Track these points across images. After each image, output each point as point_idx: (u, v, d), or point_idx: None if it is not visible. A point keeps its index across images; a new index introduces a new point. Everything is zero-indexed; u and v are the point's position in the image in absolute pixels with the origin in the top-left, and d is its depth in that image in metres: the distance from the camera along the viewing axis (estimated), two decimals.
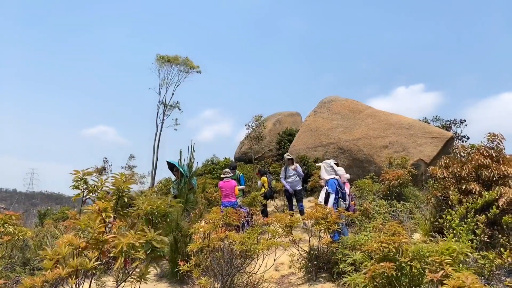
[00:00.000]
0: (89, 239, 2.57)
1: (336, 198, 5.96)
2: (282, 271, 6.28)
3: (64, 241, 2.46)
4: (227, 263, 4.13)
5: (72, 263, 2.37)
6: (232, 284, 4.12)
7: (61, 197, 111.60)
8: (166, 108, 24.86)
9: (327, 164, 6.39)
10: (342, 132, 14.53)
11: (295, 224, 4.98)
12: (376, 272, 2.87)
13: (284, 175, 9.51)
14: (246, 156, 20.22)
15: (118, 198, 2.81)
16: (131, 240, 2.43)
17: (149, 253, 2.38)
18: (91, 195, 3.08)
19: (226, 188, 8.38)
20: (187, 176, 6.37)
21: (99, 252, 2.57)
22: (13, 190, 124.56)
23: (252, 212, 8.27)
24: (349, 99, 16.48)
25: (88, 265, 2.43)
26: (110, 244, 2.59)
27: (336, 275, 4.86)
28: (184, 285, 5.52)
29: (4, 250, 5.40)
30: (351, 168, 13.33)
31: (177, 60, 24.51)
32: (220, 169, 17.24)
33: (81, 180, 3.03)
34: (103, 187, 3.08)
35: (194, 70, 25.04)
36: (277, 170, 15.67)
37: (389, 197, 9.30)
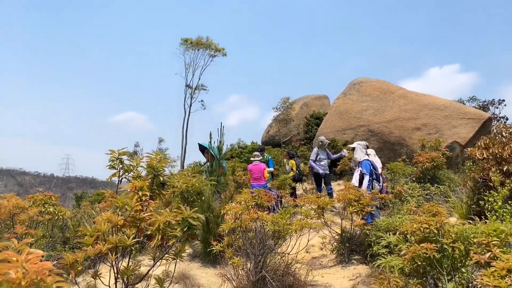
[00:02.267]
0: (127, 217, 2.61)
1: (370, 180, 5.83)
2: (313, 253, 6.26)
3: (104, 218, 2.50)
4: (260, 244, 4.13)
5: (111, 239, 2.42)
6: (265, 264, 4.12)
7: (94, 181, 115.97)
8: (192, 91, 25.03)
9: (362, 145, 6.23)
10: (372, 114, 14.16)
11: (328, 206, 4.91)
12: (416, 254, 2.77)
13: (316, 158, 9.39)
14: (273, 139, 20.16)
15: (154, 177, 2.82)
16: (167, 218, 2.44)
17: (185, 231, 2.38)
18: (126, 174, 3.12)
19: (256, 170, 8.38)
20: (217, 158, 6.40)
21: (136, 230, 2.60)
22: (50, 175, 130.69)
23: (282, 195, 8.25)
24: (380, 80, 16.00)
25: (127, 242, 2.47)
26: (147, 222, 2.62)
27: (370, 257, 4.78)
28: (216, 265, 5.60)
29: (45, 229, 5.64)
30: (381, 151, 13.01)
31: (200, 42, 24.47)
32: (247, 153, 17.29)
33: (117, 160, 3.07)
34: (138, 167, 3.11)
35: (220, 53, 24.96)
36: (305, 153, 15.54)
37: (422, 180, 9.03)
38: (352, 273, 4.80)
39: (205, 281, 5.13)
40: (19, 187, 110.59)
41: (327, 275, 4.89)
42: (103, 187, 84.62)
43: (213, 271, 5.50)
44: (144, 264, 5.16)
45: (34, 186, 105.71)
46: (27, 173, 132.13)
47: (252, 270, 4.05)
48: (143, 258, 5.65)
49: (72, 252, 2.62)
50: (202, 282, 5.09)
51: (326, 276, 4.85)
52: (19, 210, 4.32)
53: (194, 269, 5.39)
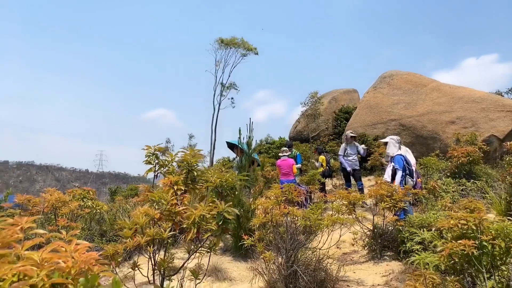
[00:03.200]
0: (163, 210, 2.69)
1: (403, 175, 5.70)
2: (343, 248, 6.21)
3: (141, 212, 2.59)
4: (291, 238, 4.14)
5: (149, 232, 2.51)
6: (296, 259, 4.14)
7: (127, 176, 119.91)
8: (223, 89, 25.30)
9: (394, 140, 6.10)
10: (404, 108, 13.80)
11: (359, 201, 4.86)
12: (453, 250, 2.70)
13: (344, 153, 9.28)
14: (301, 135, 20.04)
15: (188, 172, 2.89)
16: (202, 212, 2.50)
17: (220, 225, 2.43)
18: (162, 169, 3.21)
19: (284, 166, 8.38)
20: (247, 153, 6.45)
21: (172, 223, 2.68)
22: (85, 170, 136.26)
23: (311, 190, 8.22)
24: (411, 73, 15.54)
25: (163, 235, 2.55)
26: (182, 215, 2.69)
27: (403, 253, 4.69)
28: (247, 259, 5.67)
29: (84, 223, 5.89)
30: (413, 145, 12.67)
31: (234, 42, 24.65)
32: (275, 149, 17.30)
33: (153, 155, 3.16)
34: (173, 162, 3.19)
35: (251, 52, 25.04)
36: (334, 149, 15.37)
37: (457, 175, 8.72)
38: (385, 269, 4.74)
39: (236, 275, 5.22)
40: (57, 182, 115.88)
41: (359, 270, 4.85)
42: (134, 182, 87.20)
43: (244, 265, 5.58)
44: (176, 257, 5.30)
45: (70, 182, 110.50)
46: (64, 169, 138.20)
47: (283, 264, 4.08)
48: (176, 251, 5.81)
49: (112, 244, 2.73)
50: (234, 275, 5.18)
51: (358, 271, 4.80)
52: (61, 204, 4.55)
53: (226, 263, 5.49)
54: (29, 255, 1.54)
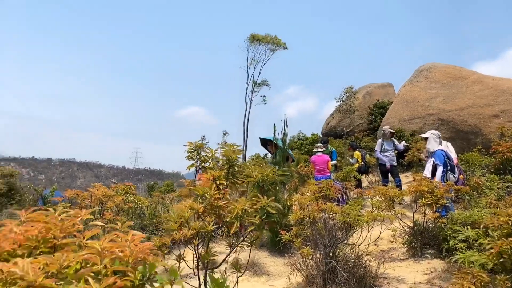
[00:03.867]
0: (206, 204, 2.76)
1: (444, 171, 5.53)
2: (381, 246, 6.10)
3: (186, 205, 2.68)
4: (329, 234, 4.13)
5: (194, 225, 2.59)
6: (334, 254, 4.12)
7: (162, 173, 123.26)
8: (255, 86, 25.39)
9: (435, 135, 5.92)
10: (442, 101, 13.30)
11: (399, 197, 4.76)
12: (503, 248, 2.61)
13: (381, 149, 9.09)
14: (334, 130, 19.79)
15: (229, 167, 2.95)
16: (244, 206, 2.55)
17: (263, 219, 2.47)
18: (203, 164, 3.30)
19: (319, 162, 8.33)
20: (281, 149, 6.47)
21: (215, 217, 2.75)
22: (122, 167, 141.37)
23: (347, 187, 8.12)
24: (450, 65, 14.94)
25: (208, 228, 2.63)
26: (224, 209, 2.76)
27: (445, 252, 4.56)
28: (283, 255, 5.70)
29: (126, 216, 6.14)
30: (453, 140, 12.18)
31: (266, 39, 24.68)
32: (308, 145, 17.19)
33: (194, 151, 3.25)
34: (213, 157, 3.27)
35: (281, 47, 24.98)
36: (368, 145, 15.08)
37: (502, 171, 8.31)
38: (426, 267, 4.62)
39: (273, 270, 5.26)
40: (96, 178, 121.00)
41: (399, 268, 4.76)
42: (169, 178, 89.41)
43: (281, 260, 5.61)
44: (214, 251, 5.41)
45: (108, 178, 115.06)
46: (102, 165, 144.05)
47: (322, 260, 4.07)
48: (213, 245, 5.94)
49: (158, 237, 2.84)
50: (271, 270, 5.23)
51: (398, 269, 4.72)
52: (107, 198, 4.77)
53: (262, 258, 5.55)
54: (91, 244, 1.64)
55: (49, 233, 1.73)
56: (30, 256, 1.65)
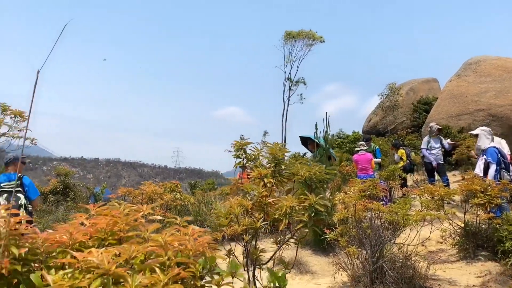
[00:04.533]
0: (255, 202, 2.83)
1: (497, 169, 5.25)
2: (429, 246, 5.90)
3: (235, 202, 2.76)
4: (375, 234, 4.07)
5: (244, 221, 2.66)
6: (381, 254, 4.05)
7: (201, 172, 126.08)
8: (292, 84, 25.29)
9: (486, 131, 5.64)
10: (493, 96, 12.58)
11: (448, 196, 4.58)
12: None
13: (427, 146, 8.77)
14: (376, 128, 19.29)
15: (275, 166, 3.00)
16: (293, 204, 2.59)
17: (312, 216, 2.50)
18: (249, 163, 3.37)
19: (362, 161, 8.18)
20: (324, 147, 6.43)
21: (263, 214, 2.81)
22: (164, 166, 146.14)
23: (391, 186, 7.92)
24: (502, 58, 14.10)
25: (257, 224, 2.69)
26: (272, 207, 2.81)
27: (501, 254, 4.34)
28: (327, 254, 5.67)
29: (172, 213, 6.37)
30: (506, 137, 11.42)
31: (301, 34, 24.48)
32: (349, 143, 16.89)
33: (241, 150, 3.33)
34: (259, 156, 3.33)
35: (318, 41, 24.66)
36: (413, 142, 14.58)
37: None
38: (480, 269, 4.42)
39: (317, 268, 5.26)
40: (139, 177, 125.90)
41: (450, 270, 4.59)
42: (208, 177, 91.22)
43: (325, 259, 5.59)
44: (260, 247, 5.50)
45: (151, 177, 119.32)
46: (145, 165, 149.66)
47: (368, 259, 4.02)
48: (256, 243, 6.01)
49: (209, 232, 2.94)
50: (315, 269, 5.23)
51: (449, 271, 4.55)
52: (157, 195, 4.99)
53: (306, 256, 5.55)
54: (154, 237, 1.75)
55: (115, 226, 1.86)
56: (99, 247, 1.78)
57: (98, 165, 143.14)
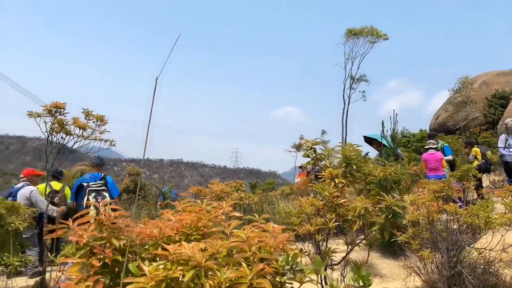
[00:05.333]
0: (326, 202, 2.82)
1: None
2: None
3: (307, 202, 2.77)
4: (452, 237, 3.84)
5: (317, 221, 2.67)
6: (459, 259, 3.81)
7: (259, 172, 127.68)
8: (353, 82, 24.61)
9: None
10: None
11: None
12: None
13: (505, 144, 8.07)
14: (444, 126, 18.12)
15: (346, 166, 2.96)
16: (366, 205, 2.54)
17: (388, 218, 2.43)
18: (319, 162, 3.36)
19: (432, 160, 7.74)
20: (391, 147, 6.18)
21: (335, 214, 2.79)
22: (223, 167, 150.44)
23: (466, 187, 7.40)
24: None
25: (329, 225, 2.68)
26: (344, 207, 2.78)
27: None
28: (396, 257, 5.46)
29: (239, 212, 6.53)
30: None
31: (363, 31, 23.76)
32: (415, 142, 16.07)
33: (311, 149, 3.33)
34: (329, 156, 3.31)
35: (381, 38, 23.75)
36: (487, 140, 13.50)
37: None
38: None
39: (387, 272, 5.08)
40: (200, 177, 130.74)
41: None
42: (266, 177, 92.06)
43: (394, 262, 5.38)
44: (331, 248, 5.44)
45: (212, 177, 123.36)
46: (206, 165, 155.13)
47: (445, 264, 3.81)
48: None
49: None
50: (384, 272, 5.06)
51: None
52: (224, 194, 5.17)
53: (374, 259, 5.39)
54: (236, 233, 1.83)
55: (199, 222, 1.97)
56: (185, 241, 1.90)
57: (162, 165, 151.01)
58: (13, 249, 4.19)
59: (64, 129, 4.57)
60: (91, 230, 1.69)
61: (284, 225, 2.13)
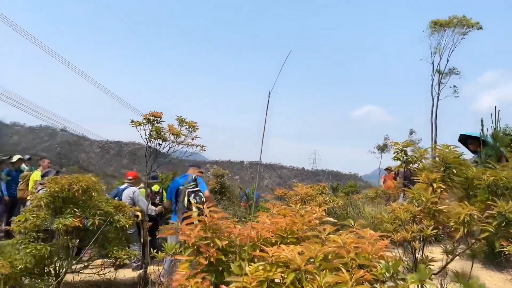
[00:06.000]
0: (423, 208, 2.67)
1: None
2: None
3: (402, 208, 2.66)
4: None
5: (413, 228, 2.54)
6: None
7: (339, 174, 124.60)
8: (441, 76, 22.73)
9: None
10: None
11: None
12: None
13: None
14: None
15: (445, 169, 2.77)
16: (472, 211, 2.35)
17: (501, 226, 2.22)
18: (411, 165, 3.19)
19: None
20: (494, 147, 5.59)
21: (434, 221, 2.62)
22: (302, 168, 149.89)
23: None
24: None
25: (427, 232, 2.53)
26: (443, 214, 2.60)
27: None
28: (505, 269, 4.93)
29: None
30: None
31: (451, 22, 21.85)
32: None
33: (401, 152, 3.18)
34: (422, 158, 3.12)
35: (473, 28, 21.56)
36: None
37: None
38: None
39: (490, 285, 4.61)
40: (279, 178, 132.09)
41: None
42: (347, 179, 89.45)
43: (499, 275, 4.87)
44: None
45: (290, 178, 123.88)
46: (284, 167, 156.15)
47: None
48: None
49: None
50: (488, 285, 4.59)
51: None
52: (309, 197, 5.18)
53: (475, 270, 4.91)
54: (333, 238, 1.83)
55: (294, 226, 2.01)
56: (281, 244, 1.95)
57: (243, 167, 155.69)
58: (120, 244, 4.68)
59: (161, 136, 4.98)
60: (197, 230, 1.84)
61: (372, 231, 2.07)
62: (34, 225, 3.99)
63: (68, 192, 4.17)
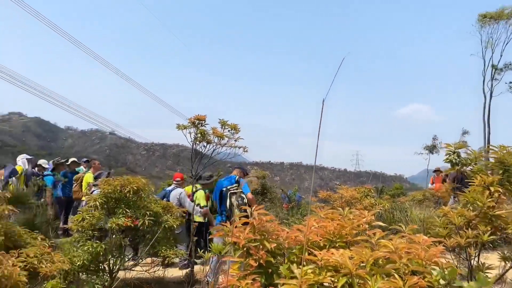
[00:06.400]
0: (478, 212, 2.55)
1: None
2: None
3: (456, 212, 2.55)
4: None
5: (468, 233, 2.43)
6: None
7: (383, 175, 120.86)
8: (495, 72, 21.32)
9: None
10: None
11: None
12: None
13: None
14: None
15: (504, 172, 2.62)
16: None
17: None
18: (465, 168, 3.05)
19: None
20: None
21: (491, 226, 2.49)
22: (344, 170, 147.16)
23: None
24: None
25: (483, 238, 2.41)
26: (502, 219, 2.47)
27: None
28: None
29: None
30: None
31: (502, 14, 20.49)
32: None
33: (454, 154, 3.05)
34: (477, 160, 2.98)
35: None
36: None
37: None
38: None
39: None
40: (320, 180, 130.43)
41: None
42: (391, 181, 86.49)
43: None
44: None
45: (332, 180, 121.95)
46: (326, 168, 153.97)
47: None
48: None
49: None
50: None
51: None
52: (354, 200, 5.09)
53: None
54: (384, 243, 1.80)
55: (343, 230, 2.00)
56: (330, 248, 1.95)
57: (283, 168, 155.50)
58: (168, 243, 4.85)
59: (206, 138, 5.10)
60: (246, 232, 1.88)
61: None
62: (90, 224, 4.25)
63: (120, 193, 4.40)
